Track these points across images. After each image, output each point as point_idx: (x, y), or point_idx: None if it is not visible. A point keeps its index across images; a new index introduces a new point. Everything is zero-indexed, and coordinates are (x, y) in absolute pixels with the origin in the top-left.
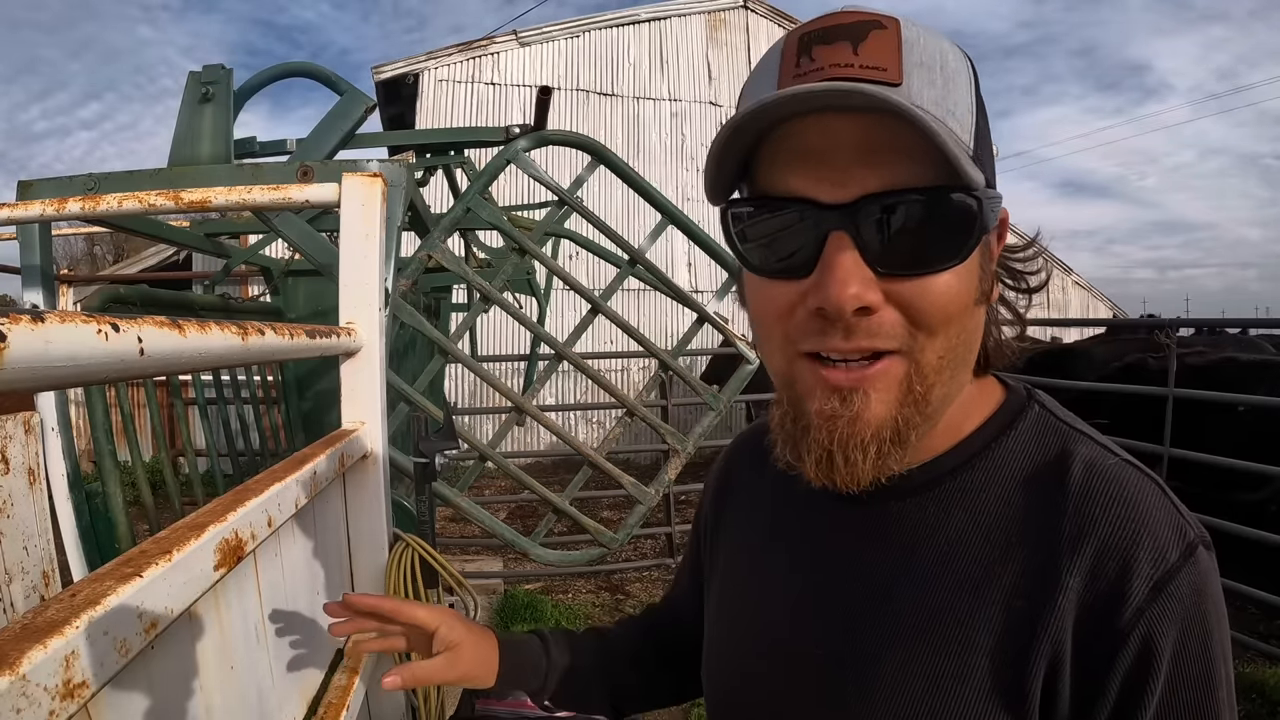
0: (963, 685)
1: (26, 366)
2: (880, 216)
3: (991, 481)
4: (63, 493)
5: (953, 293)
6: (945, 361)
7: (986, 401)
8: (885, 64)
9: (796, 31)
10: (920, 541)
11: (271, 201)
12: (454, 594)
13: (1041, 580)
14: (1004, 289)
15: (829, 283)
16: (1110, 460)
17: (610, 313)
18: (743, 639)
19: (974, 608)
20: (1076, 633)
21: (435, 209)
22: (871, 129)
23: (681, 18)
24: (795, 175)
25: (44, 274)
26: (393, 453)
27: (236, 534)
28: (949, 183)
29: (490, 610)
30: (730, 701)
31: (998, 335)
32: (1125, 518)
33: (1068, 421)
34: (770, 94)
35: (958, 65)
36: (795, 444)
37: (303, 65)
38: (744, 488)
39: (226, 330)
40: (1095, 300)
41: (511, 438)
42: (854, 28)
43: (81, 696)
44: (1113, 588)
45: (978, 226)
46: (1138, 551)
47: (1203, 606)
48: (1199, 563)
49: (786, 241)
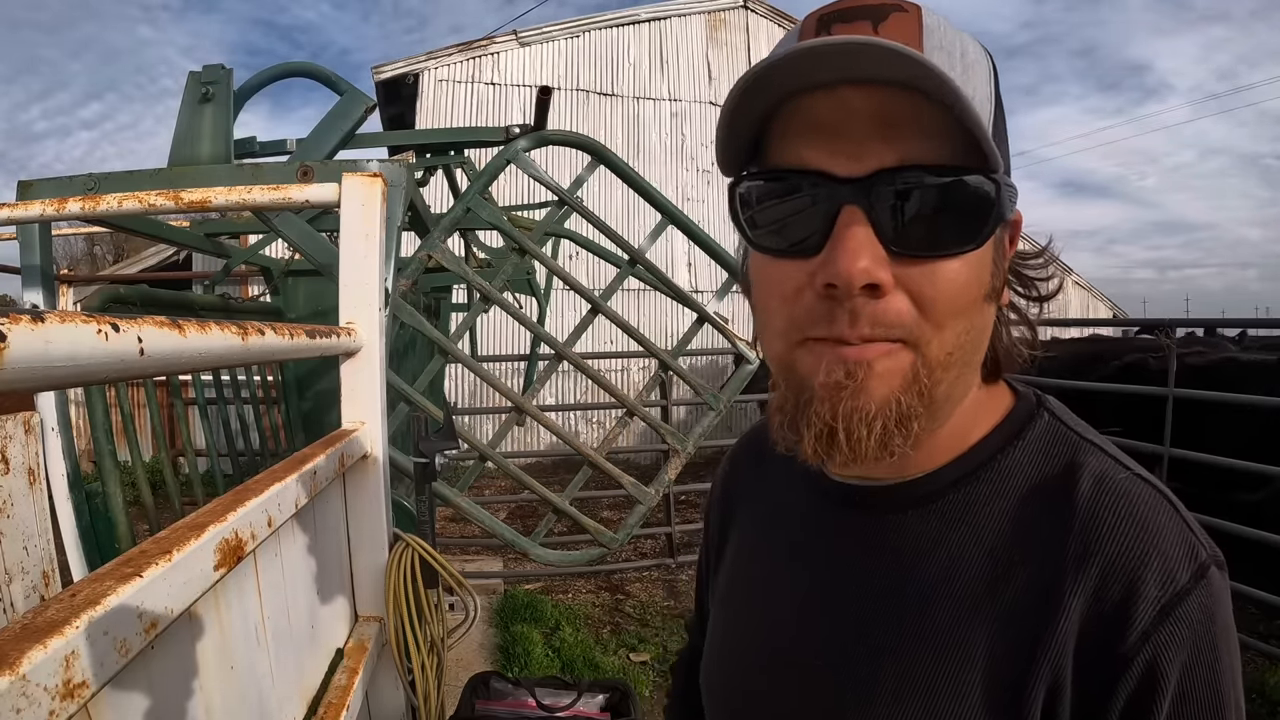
0: (959, 704)
1: (27, 366)
2: (896, 193)
3: (996, 495)
4: (63, 493)
5: (962, 281)
6: (953, 359)
7: (994, 409)
8: (907, 41)
9: (816, 11)
10: (922, 555)
11: (271, 201)
12: (454, 594)
13: (1044, 600)
14: (1015, 295)
15: (839, 256)
16: (1121, 474)
17: (610, 313)
18: (743, 650)
19: (974, 626)
20: (1078, 657)
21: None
22: (889, 102)
23: (681, 18)
24: (808, 147)
25: (44, 274)
26: (393, 453)
27: (236, 534)
28: (968, 163)
29: (490, 610)
30: (730, 711)
31: (1009, 340)
32: (1134, 536)
33: (1078, 431)
34: (784, 49)
35: (978, 56)
36: (794, 420)
37: (303, 65)
38: (746, 495)
39: (226, 330)
40: (1095, 300)
41: (511, 438)
42: (875, 9)
43: (81, 696)
44: (1117, 610)
45: (995, 212)
46: (1145, 572)
47: (1212, 631)
48: (1211, 584)
49: (797, 217)
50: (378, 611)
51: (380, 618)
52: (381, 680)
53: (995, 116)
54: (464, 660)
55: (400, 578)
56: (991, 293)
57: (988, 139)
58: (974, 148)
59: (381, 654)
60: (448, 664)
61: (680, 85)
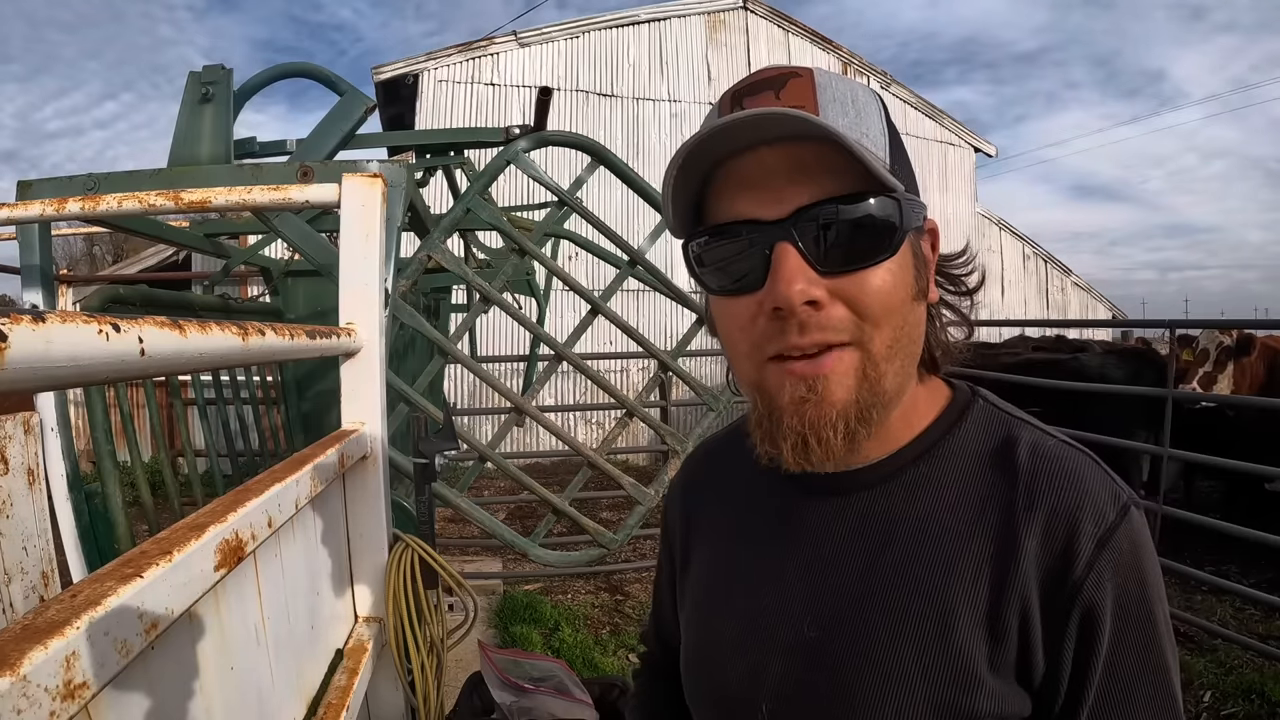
0: (946, 643)
1: (27, 366)
2: (815, 224)
3: (951, 466)
4: (62, 493)
5: (889, 286)
6: (893, 350)
7: (936, 399)
8: (803, 102)
9: (730, 89)
10: (893, 525)
11: (271, 202)
12: (453, 594)
13: (1004, 546)
14: (945, 294)
15: (779, 283)
16: (1050, 441)
17: (610, 313)
18: (734, 640)
19: (949, 577)
20: (1040, 586)
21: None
22: (798, 154)
23: (681, 18)
24: (739, 202)
25: (44, 274)
26: (393, 453)
27: (237, 534)
28: (870, 189)
29: (490, 611)
30: (727, 699)
31: (945, 338)
32: (1068, 487)
33: (1009, 411)
34: (707, 126)
35: (867, 99)
36: (772, 435)
37: (303, 66)
38: (714, 494)
39: (227, 330)
40: (1094, 301)
41: (511, 438)
42: (775, 79)
43: (82, 697)
44: (1065, 546)
45: (900, 224)
46: (1081, 514)
47: (1139, 555)
48: (1132, 520)
49: (740, 261)
50: (377, 612)
51: (380, 618)
52: (381, 681)
53: (891, 144)
54: (464, 660)
55: (400, 578)
56: (918, 292)
57: (880, 170)
58: (873, 173)
59: (381, 654)
60: (447, 664)
61: (680, 86)
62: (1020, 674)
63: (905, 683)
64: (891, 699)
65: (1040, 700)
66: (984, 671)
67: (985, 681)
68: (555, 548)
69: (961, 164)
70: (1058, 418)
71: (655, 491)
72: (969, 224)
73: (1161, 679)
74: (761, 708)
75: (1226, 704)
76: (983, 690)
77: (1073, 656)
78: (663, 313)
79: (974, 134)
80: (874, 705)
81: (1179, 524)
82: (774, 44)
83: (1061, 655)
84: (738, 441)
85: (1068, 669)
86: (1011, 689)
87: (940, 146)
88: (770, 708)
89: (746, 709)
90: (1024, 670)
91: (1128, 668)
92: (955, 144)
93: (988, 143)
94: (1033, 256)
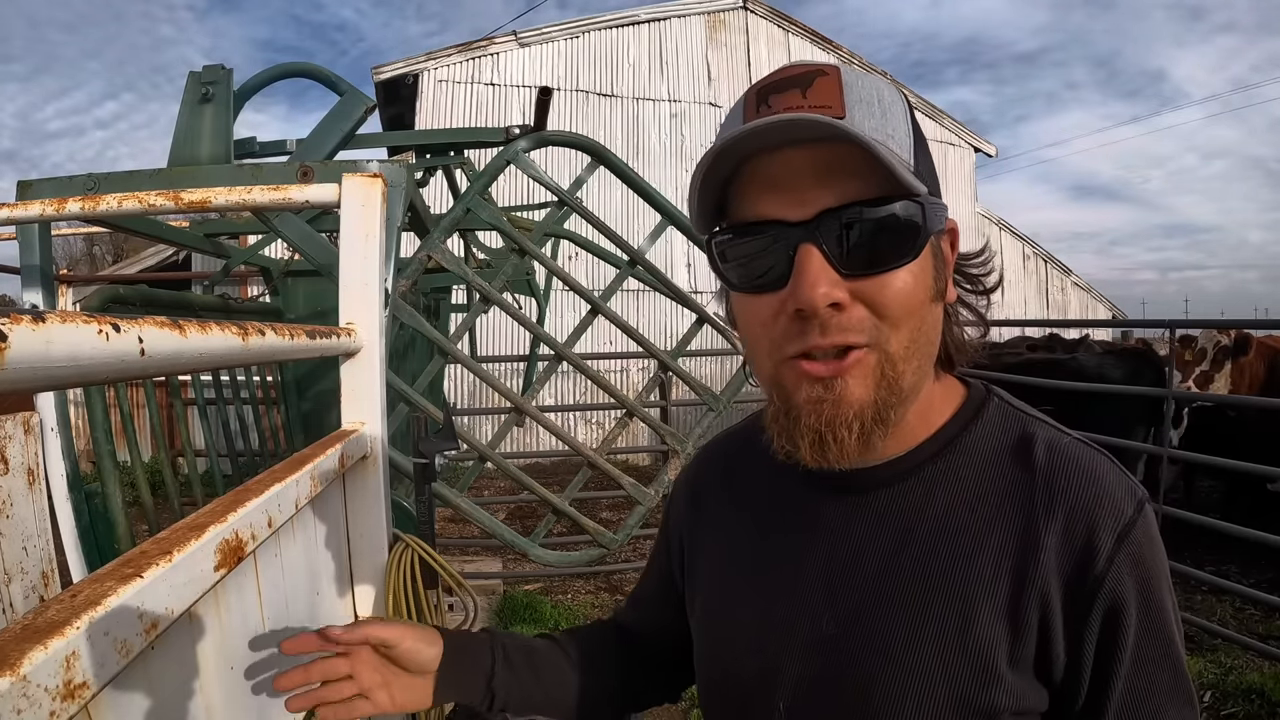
0: (966, 638)
1: (27, 366)
2: (839, 227)
3: (968, 463)
4: (62, 493)
5: (909, 288)
6: (910, 351)
7: (952, 397)
8: (830, 102)
9: (754, 86)
10: (912, 520)
11: (271, 202)
12: (453, 595)
13: (1024, 541)
14: (963, 292)
15: (802, 286)
16: (1065, 439)
17: (610, 313)
18: (750, 635)
19: (968, 572)
20: (1062, 580)
21: (435, 209)
22: (824, 156)
23: (681, 19)
24: (764, 202)
25: (44, 274)
26: (393, 453)
27: (237, 534)
28: (894, 192)
29: (490, 611)
30: (743, 696)
31: (960, 336)
32: (1086, 484)
33: (1024, 409)
34: (736, 129)
35: (893, 99)
36: (790, 433)
37: (303, 66)
38: (725, 491)
39: (227, 330)
40: (1094, 301)
41: (511, 438)
42: (801, 77)
43: (82, 697)
44: (1085, 541)
45: (923, 228)
46: (1100, 511)
47: (1154, 548)
48: (1146, 515)
49: (763, 259)
50: (377, 612)
51: (380, 618)
52: None
53: (915, 146)
54: None
55: (400, 578)
56: (937, 294)
57: (905, 173)
58: (898, 178)
59: None
60: None
61: (680, 86)
62: (1039, 668)
63: (925, 678)
64: (911, 695)
65: (1058, 693)
66: (1003, 666)
67: (1005, 676)
68: (555, 548)
69: (961, 164)
70: (1057, 418)
71: (655, 491)
72: (969, 224)
73: (1179, 666)
74: (779, 705)
75: (1226, 704)
76: (1002, 685)
77: (1095, 648)
78: (663, 313)
79: (974, 134)
80: (894, 701)
81: (1179, 524)
82: (774, 44)
83: (1084, 647)
84: (753, 438)
85: (1090, 660)
86: (1030, 683)
87: (940, 147)
88: (788, 705)
89: (763, 706)
90: (1043, 664)
91: (1150, 656)
92: (955, 144)
93: (988, 143)
94: (1033, 256)
